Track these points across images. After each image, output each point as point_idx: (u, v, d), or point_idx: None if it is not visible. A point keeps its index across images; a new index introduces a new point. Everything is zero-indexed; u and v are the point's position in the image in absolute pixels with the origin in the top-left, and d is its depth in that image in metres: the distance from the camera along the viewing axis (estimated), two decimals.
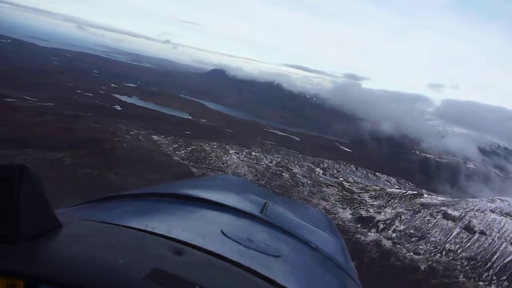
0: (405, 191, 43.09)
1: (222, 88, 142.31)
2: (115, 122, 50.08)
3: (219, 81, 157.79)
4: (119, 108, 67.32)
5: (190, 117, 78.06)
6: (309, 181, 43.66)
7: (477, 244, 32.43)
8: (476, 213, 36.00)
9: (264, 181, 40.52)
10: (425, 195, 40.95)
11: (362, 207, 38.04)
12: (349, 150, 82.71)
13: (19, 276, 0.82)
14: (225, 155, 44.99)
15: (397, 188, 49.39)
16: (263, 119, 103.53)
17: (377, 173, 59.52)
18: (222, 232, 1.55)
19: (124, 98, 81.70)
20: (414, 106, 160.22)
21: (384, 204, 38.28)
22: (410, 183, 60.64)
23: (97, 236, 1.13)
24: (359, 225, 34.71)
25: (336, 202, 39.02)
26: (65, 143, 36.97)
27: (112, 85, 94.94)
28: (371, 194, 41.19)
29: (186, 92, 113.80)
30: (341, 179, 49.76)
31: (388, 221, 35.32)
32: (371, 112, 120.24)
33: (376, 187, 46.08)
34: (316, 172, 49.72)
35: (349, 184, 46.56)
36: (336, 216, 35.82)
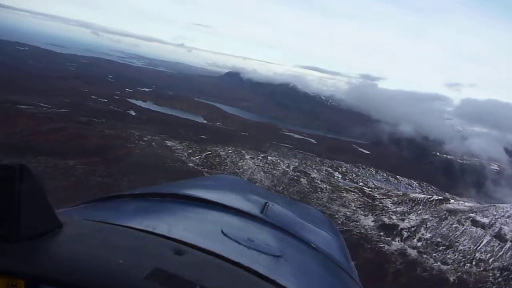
0: (430, 196, 41.07)
1: (237, 91, 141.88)
2: (129, 127, 49.48)
3: (234, 84, 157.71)
4: (133, 113, 66.86)
5: (205, 121, 77.40)
6: (328, 187, 42.07)
7: (509, 253, 30.43)
8: (507, 219, 33.99)
9: (281, 187, 39.16)
10: (452, 201, 38.94)
11: (384, 213, 36.33)
12: (368, 152, 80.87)
13: (20, 275, 0.83)
14: (241, 160, 43.80)
15: (420, 193, 47.33)
16: (278, 121, 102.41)
17: (397, 176, 57.47)
18: (223, 232, 1.53)
19: (139, 103, 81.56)
20: (433, 106, 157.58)
21: (408, 211, 36.48)
22: (432, 186, 58.36)
23: (98, 236, 1.13)
24: (382, 233, 33.03)
25: (357, 209, 37.36)
26: (78, 150, 36.34)
27: (127, 90, 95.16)
28: (394, 200, 39.37)
29: (201, 96, 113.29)
30: (361, 183, 48.04)
31: (413, 229, 33.55)
32: (388, 113, 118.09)
33: (398, 192, 44.14)
34: (335, 177, 48.10)
35: (369, 189, 44.78)
36: (358, 223, 34.23)
